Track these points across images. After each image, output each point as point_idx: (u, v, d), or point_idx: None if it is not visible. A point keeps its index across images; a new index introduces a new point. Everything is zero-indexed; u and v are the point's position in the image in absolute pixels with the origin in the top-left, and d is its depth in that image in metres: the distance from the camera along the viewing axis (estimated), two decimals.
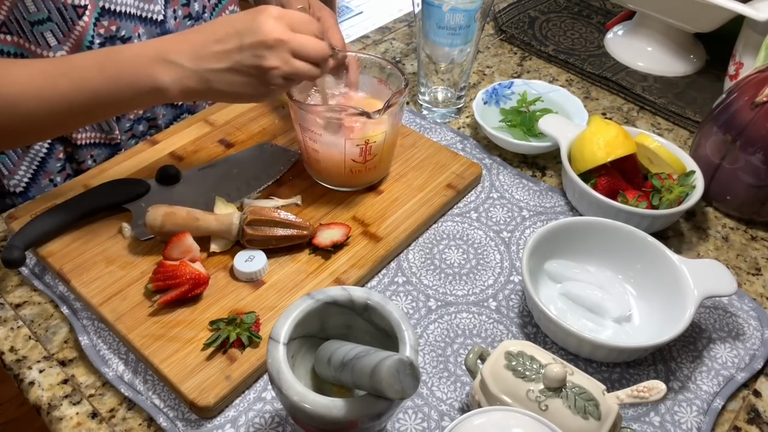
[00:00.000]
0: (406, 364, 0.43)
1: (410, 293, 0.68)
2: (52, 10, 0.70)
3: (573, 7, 1.16)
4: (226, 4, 0.91)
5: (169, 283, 0.62)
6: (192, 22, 0.85)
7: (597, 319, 0.65)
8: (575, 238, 0.68)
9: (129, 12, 0.76)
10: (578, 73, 1.01)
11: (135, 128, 0.86)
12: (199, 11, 0.86)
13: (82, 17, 0.72)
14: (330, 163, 0.72)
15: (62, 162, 0.82)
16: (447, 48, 0.90)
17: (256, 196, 0.74)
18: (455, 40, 0.96)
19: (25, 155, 0.79)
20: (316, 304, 0.52)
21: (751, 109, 0.71)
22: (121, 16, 0.75)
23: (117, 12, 0.75)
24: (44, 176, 0.81)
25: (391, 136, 0.72)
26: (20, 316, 0.65)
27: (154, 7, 0.79)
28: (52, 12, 0.70)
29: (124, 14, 0.76)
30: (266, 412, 0.58)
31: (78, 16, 0.72)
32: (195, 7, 0.85)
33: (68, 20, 0.71)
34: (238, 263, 0.65)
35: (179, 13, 0.83)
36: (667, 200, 0.72)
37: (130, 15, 0.77)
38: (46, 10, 0.70)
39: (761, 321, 0.67)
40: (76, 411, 0.58)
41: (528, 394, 0.51)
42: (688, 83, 0.98)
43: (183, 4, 0.83)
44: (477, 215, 0.77)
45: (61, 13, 0.71)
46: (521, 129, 0.85)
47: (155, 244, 0.68)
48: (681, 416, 0.59)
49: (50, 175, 0.82)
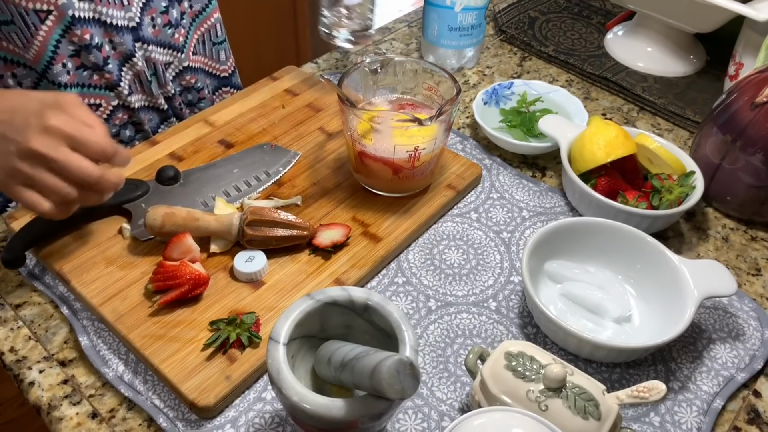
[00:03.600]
0: (406, 365, 0.43)
1: (410, 293, 0.68)
2: (15, 15, 0.71)
3: (573, 8, 1.16)
4: (211, 12, 0.91)
5: (169, 284, 0.62)
6: (172, 30, 0.85)
7: (597, 320, 0.65)
8: (575, 238, 0.68)
9: (101, 20, 0.76)
10: (578, 73, 1.01)
11: (122, 133, 0.85)
12: (177, 18, 0.85)
13: (44, 22, 0.72)
14: (378, 168, 0.72)
15: None
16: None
17: (256, 197, 0.74)
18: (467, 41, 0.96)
19: None
20: (316, 304, 0.52)
21: (751, 110, 0.71)
22: (90, 23, 0.75)
23: (88, 19, 0.75)
24: None
25: (440, 143, 0.72)
26: (20, 317, 0.65)
27: (125, 14, 0.79)
28: (15, 16, 0.71)
29: (97, 21, 0.76)
30: (266, 412, 0.58)
31: (40, 21, 0.72)
32: (173, 14, 0.85)
33: (30, 25, 0.72)
34: (238, 264, 0.65)
35: (158, 21, 0.83)
36: (667, 201, 0.72)
37: (102, 23, 0.77)
38: (9, 13, 0.70)
39: (761, 321, 0.67)
40: (76, 411, 0.58)
41: (528, 395, 0.51)
42: (688, 83, 0.98)
43: (162, 11, 0.83)
44: (477, 216, 0.77)
45: (23, 18, 0.71)
46: (521, 129, 0.85)
47: (155, 245, 0.68)
48: (681, 416, 0.59)
49: None
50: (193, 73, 0.91)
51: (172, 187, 0.74)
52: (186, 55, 0.88)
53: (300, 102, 0.88)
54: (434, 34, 0.96)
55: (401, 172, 0.71)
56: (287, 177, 0.77)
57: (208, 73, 0.95)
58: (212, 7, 0.91)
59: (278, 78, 0.92)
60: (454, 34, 0.95)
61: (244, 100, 0.88)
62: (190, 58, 0.90)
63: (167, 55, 0.86)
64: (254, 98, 0.88)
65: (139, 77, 0.84)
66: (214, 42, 0.93)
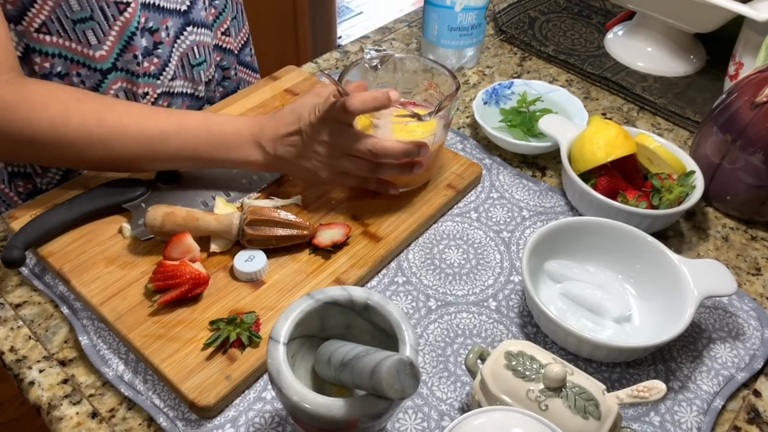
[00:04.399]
0: (406, 364, 0.43)
1: (410, 293, 0.68)
2: (95, 9, 0.71)
3: (573, 8, 1.16)
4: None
5: (169, 283, 0.62)
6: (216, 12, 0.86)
7: (597, 319, 0.65)
8: (575, 238, 0.68)
9: (159, 5, 0.77)
10: (578, 73, 1.01)
11: None
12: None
13: (123, 13, 0.72)
14: None
15: None
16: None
17: (256, 196, 0.74)
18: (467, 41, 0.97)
19: None
20: (316, 304, 0.52)
21: (751, 110, 0.71)
22: (150, 8, 0.76)
23: (150, 5, 0.75)
24: (75, 174, 0.82)
25: (440, 139, 0.72)
26: (20, 316, 0.65)
27: None
28: (95, 10, 0.71)
29: (154, 6, 0.76)
30: (266, 412, 0.58)
31: (119, 12, 0.72)
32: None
33: (110, 17, 0.72)
34: (238, 263, 0.65)
35: (207, 2, 0.84)
36: (667, 200, 0.72)
37: (159, 8, 0.77)
38: (89, 8, 0.70)
39: (761, 321, 0.67)
40: (76, 411, 0.58)
41: (528, 394, 0.51)
42: (688, 83, 0.98)
43: None
44: (477, 215, 0.77)
45: (103, 11, 0.71)
46: (521, 129, 0.85)
47: (155, 244, 0.68)
48: (681, 416, 0.59)
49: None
50: (220, 52, 0.91)
51: (172, 187, 0.74)
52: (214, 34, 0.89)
53: None
54: (434, 33, 0.96)
55: None
56: (287, 177, 0.77)
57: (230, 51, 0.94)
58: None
59: (278, 78, 0.92)
60: (454, 34, 0.95)
61: (244, 100, 0.88)
62: (218, 37, 0.90)
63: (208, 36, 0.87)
64: (254, 98, 0.88)
65: (182, 61, 0.84)
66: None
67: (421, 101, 0.77)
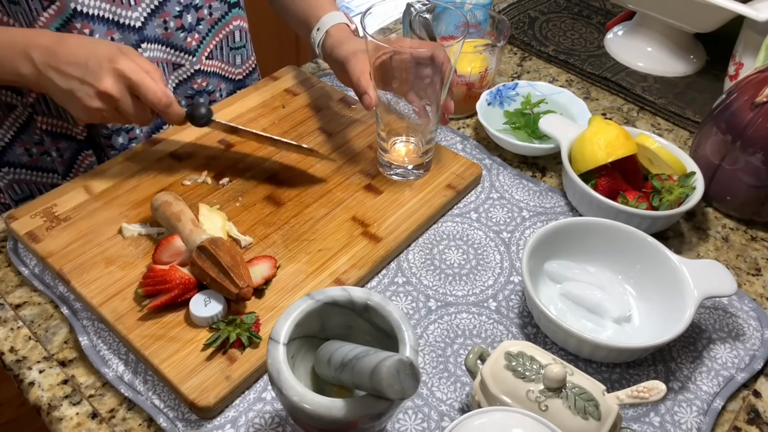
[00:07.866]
0: (406, 365, 0.43)
1: (410, 293, 0.68)
2: None
3: (573, 8, 1.16)
4: (231, 19, 0.90)
5: (158, 288, 0.61)
6: (185, 34, 0.85)
7: (597, 320, 0.65)
8: (575, 238, 0.68)
9: (102, 16, 0.76)
10: (578, 73, 1.01)
11: (114, 139, 0.85)
12: (192, 23, 0.85)
13: (47, 9, 0.72)
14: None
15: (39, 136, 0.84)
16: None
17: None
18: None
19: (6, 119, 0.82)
20: (316, 304, 0.52)
21: (751, 110, 0.71)
22: (93, 19, 0.75)
23: (89, 15, 0.75)
24: (20, 144, 0.84)
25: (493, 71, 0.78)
26: (20, 317, 0.65)
27: (131, 13, 0.78)
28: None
29: (97, 17, 0.76)
30: (266, 413, 0.58)
31: (43, 8, 0.72)
32: (188, 19, 0.84)
33: (32, 10, 0.72)
34: (194, 308, 0.61)
35: (171, 24, 0.82)
36: (667, 201, 0.72)
37: (104, 19, 0.76)
38: None
39: (761, 321, 0.67)
40: (76, 411, 0.58)
41: (528, 395, 0.51)
42: (688, 83, 0.98)
43: (175, 15, 0.83)
44: (477, 215, 0.77)
45: (27, 1, 0.71)
46: (525, 131, 0.85)
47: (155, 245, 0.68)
48: (681, 416, 0.59)
49: (26, 145, 0.85)
50: (204, 77, 0.91)
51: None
52: (198, 58, 0.88)
53: (300, 102, 0.88)
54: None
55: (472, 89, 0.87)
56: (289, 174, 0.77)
57: (222, 76, 0.94)
58: (233, 14, 0.90)
59: (278, 78, 0.92)
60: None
61: (244, 100, 0.88)
62: (203, 62, 0.90)
63: (176, 57, 0.86)
64: (254, 98, 0.88)
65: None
66: (231, 47, 0.93)
67: None
